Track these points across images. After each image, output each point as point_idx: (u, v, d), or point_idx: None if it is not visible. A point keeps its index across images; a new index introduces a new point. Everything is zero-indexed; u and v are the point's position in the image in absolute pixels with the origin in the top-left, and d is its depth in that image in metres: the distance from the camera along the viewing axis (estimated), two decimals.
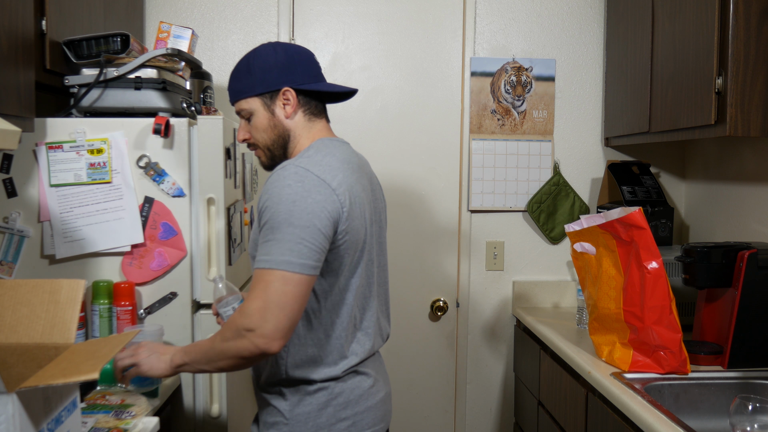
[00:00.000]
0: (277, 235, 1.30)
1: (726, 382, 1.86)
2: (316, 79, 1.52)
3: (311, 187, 1.34)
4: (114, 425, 1.44)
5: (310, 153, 1.44)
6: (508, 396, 2.88)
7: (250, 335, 1.29)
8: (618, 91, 2.66)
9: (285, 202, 1.32)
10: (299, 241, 1.30)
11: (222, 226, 1.85)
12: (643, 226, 1.83)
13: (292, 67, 1.49)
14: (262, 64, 1.48)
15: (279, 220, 1.31)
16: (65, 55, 1.84)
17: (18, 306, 1.18)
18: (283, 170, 1.37)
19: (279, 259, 1.29)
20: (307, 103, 1.51)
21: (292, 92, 1.48)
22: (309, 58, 1.53)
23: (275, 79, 1.48)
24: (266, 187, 1.37)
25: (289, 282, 1.29)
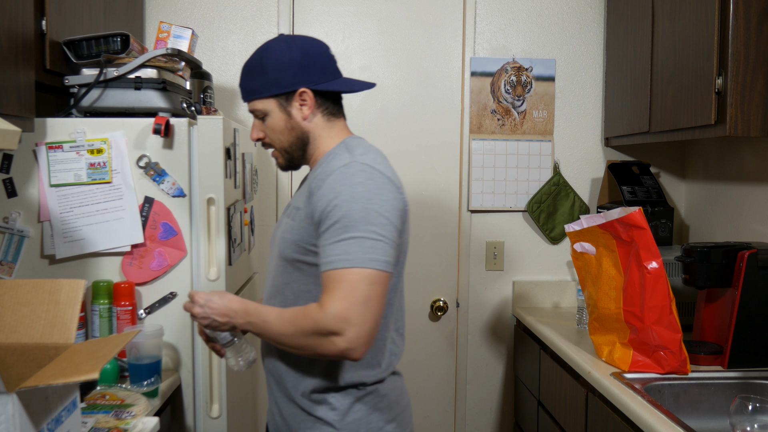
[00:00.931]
0: (355, 233, 1.24)
1: (726, 382, 1.86)
2: (333, 75, 1.45)
3: (381, 185, 1.30)
4: (114, 425, 1.44)
5: (360, 151, 1.38)
6: (508, 396, 2.88)
7: (334, 339, 1.22)
8: (618, 91, 2.66)
9: (359, 200, 1.27)
10: (380, 239, 1.25)
11: (222, 226, 1.85)
12: (643, 226, 1.83)
13: (307, 66, 1.41)
14: (276, 62, 1.41)
15: (355, 218, 1.25)
16: (65, 55, 1.84)
17: (18, 306, 1.18)
18: (347, 168, 1.31)
19: (362, 257, 1.23)
20: (325, 103, 1.45)
21: (309, 93, 1.41)
22: (324, 52, 1.45)
23: (291, 79, 1.41)
24: (330, 185, 1.30)
25: (375, 281, 1.23)
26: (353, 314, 1.21)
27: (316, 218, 1.32)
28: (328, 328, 1.22)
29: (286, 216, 1.47)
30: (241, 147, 2.11)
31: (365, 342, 1.23)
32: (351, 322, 1.21)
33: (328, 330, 1.22)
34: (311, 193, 1.35)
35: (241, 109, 2.73)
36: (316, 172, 1.40)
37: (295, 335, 1.28)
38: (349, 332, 1.21)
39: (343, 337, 1.21)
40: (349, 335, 1.21)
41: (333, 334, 1.22)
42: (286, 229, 1.42)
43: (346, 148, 1.41)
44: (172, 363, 1.86)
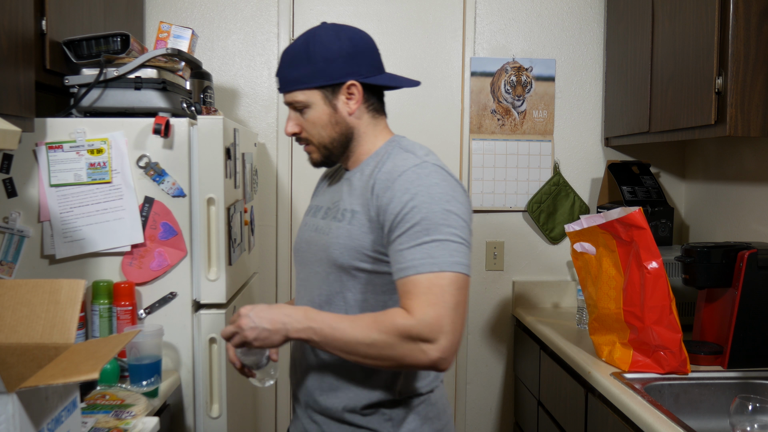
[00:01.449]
0: (437, 236, 1.18)
1: (726, 382, 1.86)
2: (380, 69, 1.37)
3: (455, 187, 1.25)
4: (114, 425, 1.44)
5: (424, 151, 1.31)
6: (508, 396, 2.88)
7: (425, 347, 1.14)
8: (618, 91, 2.66)
9: (439, 202, 1.20)
10: (461, 242, 1.19)
11: (222, 226, 1.85)
12: (643, 226, 1.83)
13: (357, 57, 1.33)
14: (325, 51, 1.31)
15: (436, 221, 1.19)
16: (65, 55, 1.84)
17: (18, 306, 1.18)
18: (420, 168, 1.25)
19: (448, 260, 1.17)
20: (371, 98, 1.37)
21: (358, 86, 1.33)
22: (372, 45, 1.37)
23: (340, 70, 1.31)
24: (404, 186, 1.23)
25: (462, 285, 1.17)
26: (446, 321, 1.14)
27: (387, 221, 1.24)
28: (420, 336, 1.14)
29: (330, 219, 1.37)
30: (241, 147, 2.11)
31: (455, 351, 1.16)
32: (444, 330, 1.13)
33: (420, 338, 1.14)
34: (375, 194, 1.27)
35: (241, 109, 2.73)
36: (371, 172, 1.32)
37: (376, 344, 1.17)
38: (442, 340, 1.14)
39: (435, 346, 1.14)
40: (442, 344, 1.14)
41: (425, 342, 1.14)
42: (340, 233, 1.31)
43: (402, 147, 1.34)
44: (172, 363, 1.86)
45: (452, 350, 1.15)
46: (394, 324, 1.16)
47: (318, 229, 1.39)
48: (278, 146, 2.74)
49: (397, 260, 1.21)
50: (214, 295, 1.86)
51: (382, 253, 1.28)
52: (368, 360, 1.20)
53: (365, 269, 1.30)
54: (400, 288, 1.20)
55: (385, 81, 1.36)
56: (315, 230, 1.40)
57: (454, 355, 1.16)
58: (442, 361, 1.15)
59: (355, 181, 1.36)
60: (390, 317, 1.17)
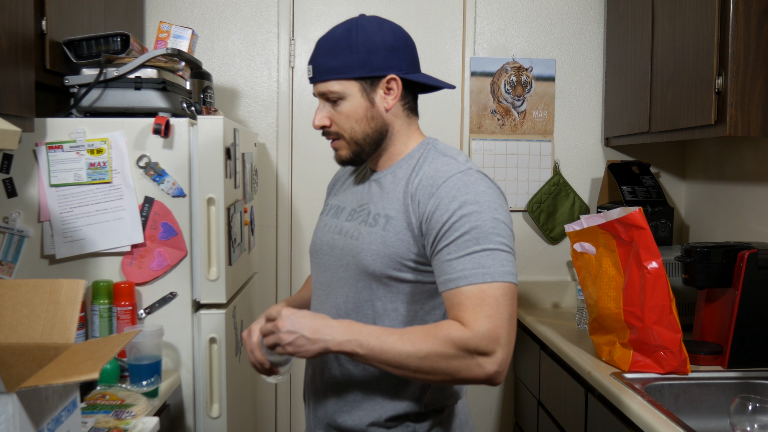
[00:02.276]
0: (488, 245, 1.14)
1: (726, 382, 1.86)
2: (418, 68, 1.33)
3: (500, 195, 1.22)
4: (114, 425, 1.44)
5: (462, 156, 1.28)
6: (508, 396, 2.88)
7: (482, 360, 1.10)
8: (618, 91, 2.66)
9: (488, 210, 1.17)
10: (510, 251, 1.17)
11: (222, 226, 1.85)
12: (643, 226, 1.83)
13: (399, 51, 1.28)
14: (368, 42, 1.27)
15: (486, 230, 1.15)
16: (65, 55, 1.84)
17: (18, 306, 1.18)
18: (466, 175, 1.21)
19: (500, 270, 1.13)
20: (408, 96, 1.33)
21: (398, 81, 1.28)
22: (412, 42, 1.34)
23: (382, 62, 1.26)
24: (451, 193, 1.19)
25: (514, 296, 1.14)
26: (503, 333, 1.10)
27: (432, 230, 1.19)
28: (477, 349, 1.10)
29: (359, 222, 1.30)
30: (241, 147, 2.11)
31: (508, 365, 1.12)
32: (501, 342, 1.10)
33: (477, 350, 1.10)
34: (416, 200, 1.22)
35: (241, 109, 2.73)
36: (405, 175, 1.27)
37: (429, 357, 1.12)
38: (499, 353, 1.10)
39: (492, 359, 1.10)
40: (499, 356, 1.10)
41: (482, 356, 1.10)
42: (373, 239, 1.25)
43: (439, 151, 1.30)
44: (172, 363, 1.86)
45: (507, 363, 1.12)
46: (450, 336, 1.11)
47: (343, 232, 1.33)
48: (278, 146, 2.74)
49: (444, 270, 1.16)
50: (214, 295, 1.87)
51: (420, 263, 1.23)
52: (419, 374, 1.15)
53: (400, 278, 1.25)
54: (450, 299, 1.15)
55: (425, 79, 1.32)
56: (339, 233, 1.34)
57: (507, 368, 1.13)
58: (498, 375, 1.12)
59: (387, 184, 1.30)
60: (444, 330, 1.13)
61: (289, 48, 2.72)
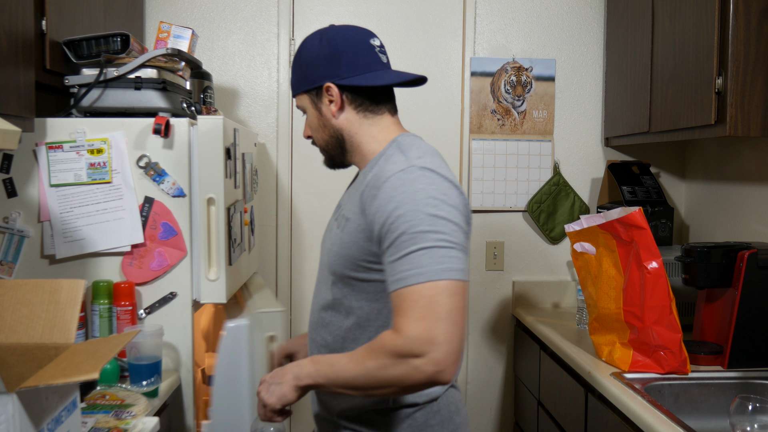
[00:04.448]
0: (424, 244, 1.12)
1: (726, 382, 1.86)
2: (365, 69, 1.32)
3: (445, 189, 1.19)
4: (114, 425, 1.44)
5: (415, 153, 1.26)
6: (508, 396, 2.88)
7: (417, 362, 1.08)
8: (618, 91, 2.66)
9: (424, 208, 1.15)
10: (451, 246, 1.13)
11: (222, 226, 1.85)
12: (643, 226, 1.83)
13: (335, 59, 1.31)
14: (306, 56, 1.33)
15: (422, 228, 1.13)
16: (65, 55, 1.84)
17: (18, 306, 1.18)
18: (405, 173, 1.20)
19: (436, 269, 1.11)
20: (357, 99, 1.33)
21: (334, 88, 1.31)
22: (357, 44, 1.33)
23: (316, 73, 1.32)
24: (388, 194, 1.19)
25: (455, 292, 1.11)
26: (437, 332, 1.08)
27: (376, 233, 1.20)
28: (410, 353, 1.08)
29: (334, 221, 1.37)
30: (241, 147, 2.11)
31: (454, 360, 1.09)
32: (435, 342, 1.07)
33: (410, 354, 1.08)
34: (364, 202, 1.24)
35: (241, 109, 2.73)
36: (367, 177, 1.28)
37: (372, 372, 1.13)
38: (434, 353, 1.07)
39: (426, 360, 1.08)
40: (435, 356, 1.07)
41: (416, 358, 1.08)
42: (334, 240, 1.30)
43: (399, 147, 1.29)
44: (172, 363, 1.86)
45: (449, 361, 1.09)
46: (384, 346, 1.12)
47: (328, 231, 1.39)
48: (278, 146, 2.74)
49: (388, 273, 1.17)
50: (214, 295, 1.86)
51: (375, 263, 1.25)
52: (372, 391, 1.16)
53: (358, 278, 1.28)
54: (392, 303, 1.15)
55: (362, 81, 1.31)
56: (327, 231, 1.40)
57: (454, 365, 1.10)
58: (439, 374, 1.09)
59: (357, 184, 1.34)
60: (380, 341, 1.14)
61: (289, 48, 2.72)
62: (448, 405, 1.36)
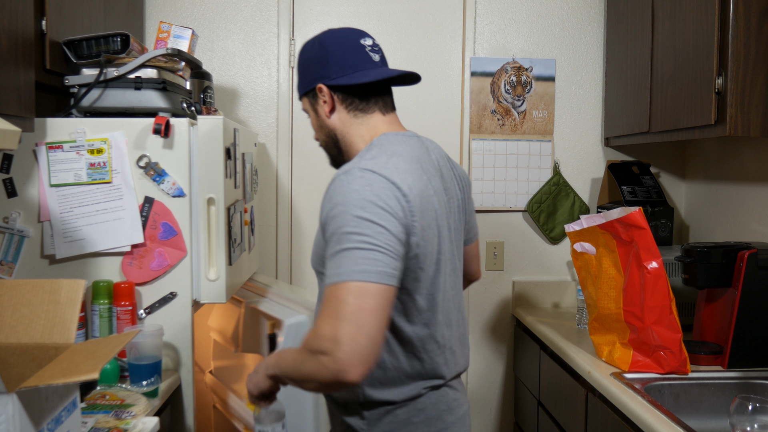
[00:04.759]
0: (348, 244, 1.14)
1: (726, 382, 1.86)
2: (354, 68, 1.35)
3: (380, 191, 1.19)
4: (114, 425, 1.44)
5: (373, 153, 1.29)
6: (508, 396, 2.88)
7: (324, 359, 1.09)
8: (618, 91, 2.66)
9: (353, 209, 1.16)
10: (371, 248, 1.13)
11: (222, 226, 1.85)
12: (643, 226, 1.83)
13: (326, 60, 1.36)
14: (302, 60, 1.40)
15: (347, 229, 1.15)
16: (65, 55, 1.84)
17: (18, 306, 1.19)
18: (347, 174, 1.22)
19: (350, 270, 1.11)
20: (348, 99, 1.37)
21: (325, 89, 1.36)
22: (346, 44, 1.37)
23: (310, 76, 1.38)
24: (328, 195, 1.22)
25: (365, 294, 1.10)
26: (341, 332, 1.08)
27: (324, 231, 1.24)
28: (318, 349, 1.10)
29: None
30: (241, 147, 2.11)
31: (358, 362, 1.08)
32: (339, 341, 1.07)
33: (318, 351, 1.10)
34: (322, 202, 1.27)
35: (241, 109, 2.73)
36: None
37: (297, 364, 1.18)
38: (338, 352, 1.07)
39: (332, 358, 1.08)
40: (339, 356, 1.07)
41: (323, 355, 1.10)
42: (316, 242, 1.34)
43: (368, 149, 1.32)
44: (172, 363, 1.86)
45: (351, 362, 1.07)
46: (304, 342, 1.16)
47: None
48: (278, 146, 2.74)
49: None
50: (214, 295, 1.86)
51: None
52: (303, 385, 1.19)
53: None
54: None
55: (350, 80, 1.35)
56: None
57: (358, 366, 1.08)
58: (341, 374, 1.08)
59: None
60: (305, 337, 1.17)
61: (289, 48, 2.72)
62: (436, 404, 1.36)
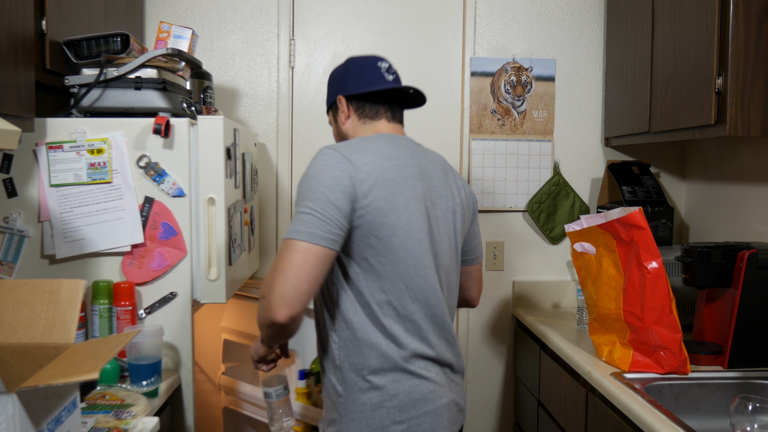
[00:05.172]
0: (299, 208, 1.37)
1: (726, 382, 1.86)
2: (368, 84, 1.58)
3: (333, 164, 1.40)
4: (114, 425, 1.44)
5: (347, 141, 1.53)
6: (508, 396, 2.88)
7: (262, 302, 1.33)
8: (618, 91, 2.66)
9: (308, 179, 1.40)
10: (309, 212, 1.35)
11: (222, 226, 1.85)
12: (643, 226, 1.83)
13: (346, 78, 1.61)
14: (330, 80, 1.67)
15: (301, 195, 1.39)
16: (65, 55, 1.84)
17: (18, 306, 1.19)
18: (317, 153, 1.44)
19: (292, 229, 1.34)
20: (360, 107, 1.61)
21: (343, 99, 1.61)
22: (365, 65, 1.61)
23: (334, 91, 1.64)
24: None
25: (296, 250, 1.32)
26: (273, 280, 1.31)
27: None
28: (261, 294, 1.34)
29: None
30: (241, 147, 2.11)
31: (284, 304, 1.29)
32: (271, 286, 1.31)
33: (261, 295, 1.34)
34: None
35: (241, 109, 2.73)
36: None
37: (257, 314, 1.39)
38: (270, 296, 1.30)
39: (266, 300, 1.31)
40: (269, 298, 1.30)
41: (263, 298, 1.33)
42: None
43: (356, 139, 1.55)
44: (172, 363, 1.86)
45: (277, 303, 1.29)
46: None
47: None
48: (278, 146, 2.74)
49: None
50: (214, 295, 1.87)
51: None
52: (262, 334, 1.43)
53: None
54: None
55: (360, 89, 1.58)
56: None
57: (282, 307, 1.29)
58: (270, 312, 1.30)
59: None
60: None
61: (289, 48, 2.72)
62: (410, 392, 1.44)
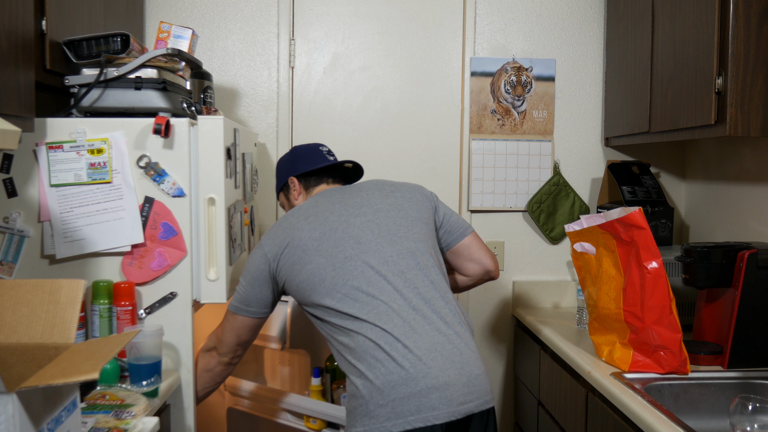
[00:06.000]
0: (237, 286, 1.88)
1: (726, 382, 1.86)
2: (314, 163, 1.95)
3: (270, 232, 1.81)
4: (114, 425, 1.44)
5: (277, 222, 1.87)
6: (508, 396, 2.88)
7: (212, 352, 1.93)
8: (618, 91, 2.66)
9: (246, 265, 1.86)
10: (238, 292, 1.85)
11: (222, 226, 1.85)
12: (643, 226, 1.83)
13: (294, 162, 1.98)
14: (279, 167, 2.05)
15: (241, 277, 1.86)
16: (65, 55, 1.84)
17: (18, 306, 1.19)
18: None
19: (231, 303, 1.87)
20: (307, 182, 1.97)
21: (294, 180, 1.97)
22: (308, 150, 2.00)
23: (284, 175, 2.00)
24: None
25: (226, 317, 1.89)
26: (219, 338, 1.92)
27: None
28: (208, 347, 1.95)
29: None
30: (241, 147, 2.11)
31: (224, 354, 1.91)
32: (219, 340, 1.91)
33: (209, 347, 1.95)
34: None
35: (241, 109, 2.73)
36: None
37: None
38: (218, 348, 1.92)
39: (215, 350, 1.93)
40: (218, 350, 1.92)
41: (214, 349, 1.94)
42: None
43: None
44: (172, 363, 1.86)
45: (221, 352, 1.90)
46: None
47: None
48: (278, 146, 2.74)
49: None
50: (214, 295, 1.87)
51: None
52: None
53: None
54: None
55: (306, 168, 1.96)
56: None
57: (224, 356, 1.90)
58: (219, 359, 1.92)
59: None
60: None
61: (289, 48, 2.72)
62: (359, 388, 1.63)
